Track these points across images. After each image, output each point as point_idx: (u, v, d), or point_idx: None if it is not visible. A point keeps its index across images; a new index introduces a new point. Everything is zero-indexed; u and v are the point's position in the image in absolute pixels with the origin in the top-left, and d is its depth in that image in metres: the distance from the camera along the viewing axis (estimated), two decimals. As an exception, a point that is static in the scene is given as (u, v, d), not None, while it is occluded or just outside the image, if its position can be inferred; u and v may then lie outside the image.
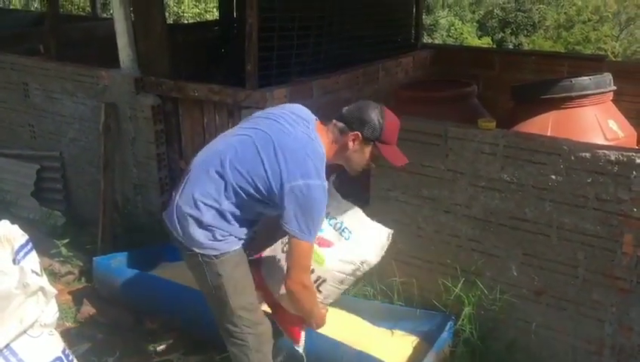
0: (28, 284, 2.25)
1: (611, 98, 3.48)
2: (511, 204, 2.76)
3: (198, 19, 12.99)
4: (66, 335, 2.90)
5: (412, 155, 2.96)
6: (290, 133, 2.26)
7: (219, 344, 2.96)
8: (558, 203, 2.64)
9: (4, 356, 2.21)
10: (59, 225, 4.39)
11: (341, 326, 3.01)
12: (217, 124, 3.75)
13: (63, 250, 3.81)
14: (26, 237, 2.39)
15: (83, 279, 3.77)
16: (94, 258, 3.65)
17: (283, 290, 2.39)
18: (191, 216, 2.26)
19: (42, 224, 4.35)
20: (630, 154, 2.46)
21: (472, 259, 2.92)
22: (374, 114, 2.31)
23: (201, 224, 2.26)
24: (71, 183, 4.57)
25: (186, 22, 12.53)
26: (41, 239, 3.77)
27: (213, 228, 2.26)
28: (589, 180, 2.55)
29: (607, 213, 2.54)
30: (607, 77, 3.41)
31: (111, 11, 4.37)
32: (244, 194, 2.24)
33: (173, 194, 2.40)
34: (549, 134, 3.17)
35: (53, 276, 3.68)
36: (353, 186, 2.80)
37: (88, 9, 9.23)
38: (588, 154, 2.54)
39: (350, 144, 2.30)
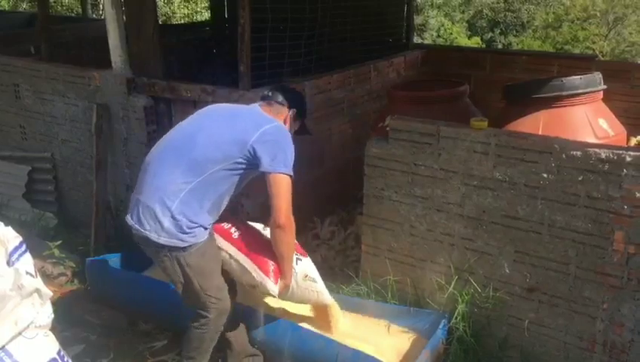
0: (23, 286, 2.25)
1: (601, 97, 3.51)
2: (503, 203, 2.79)
3: (188, 20, 12.96)
4: (60, 336, 2.88)
5: (405, 155, 2.99)
6: (235, 106, 2.72)
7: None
8: (549, 201, 2.67)
9: (-1, 358, 2.21)
10: (51, 227, 4.37)
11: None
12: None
13: (56, 252, 3.79)
14: (20, 238, 2.38)
15: (76, 281, 3.76)
16: (87, 259, 3.65)
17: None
18: (158, 209, 2.37)
19: (34, 226, 4.33)
20: (620, 152, 2.49)
21: (465, 257, 2.95)
22: (298, 94, 2.80)
23: (168, 216, 2.36)
24: (63, 185, 4.55)
25: (175, 22, 12.49)
26: (33, 241, 3.75)
27: (180, 220, 2.37)
28: (580, 178, 2.58)
29: (598, 211, 2.57)
30: (598, 76, 3.45)
31: (101, 12, 4.35)
32: (211, 167, 2.38)
33: (133, 194, 2.50)
34: (540, 133, 3.20)
35: (46, 278, 3.66)
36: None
37: (77, 10, 9.19)
38: (579, 153, 2.57)
39: (289, 120, 2.67)
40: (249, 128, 2.42)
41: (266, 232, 2.65)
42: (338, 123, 4.35)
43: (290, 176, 2.43)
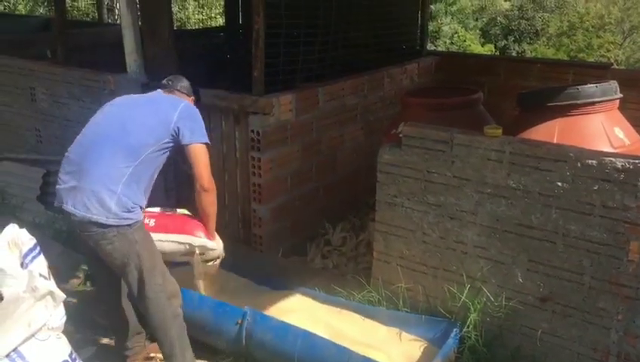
0: (37, 288, 2.26)
1: (617, 106, 3.48)
2: (517, 211, 2.77)
3: (202, 26, 13.04)
4: (72, 338, 2.90)
5: (418, 162, 2.98)
6: (149, 95, 2.91)
7: (223, 347, 2.97)
8: (564, 210, 2.65)
9: (12, 359, 2.22)
10: (64, 230, 4.39)
11: (349, 328, 3.02)
12: (223, 129, 3.76)
13: (68, 254, 3.81)
14: (34, 240, 2.40)
15: (88, 283, 3.78)
16: (100, 262, 3.66)
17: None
18: (105, 193, 2.51)
19: (48, 228, 4.35)
20: (637, 161, 2.47)
21: (478, 265, 2.92)
22: (186, 82, 2.98)
23: (114, 199, 2.51)
24: (76, 187, 4.57)
25: (190, 28, 12.56)
26: (46, 243, 3.77)
27: (126, 201, 2.53)
28: (595, 187, 2.56)
29: (614, 221, 2.54)
30: (614, 84, 3.42)
31: (117, 17, 4.39)
32: (147, 150, 2.59)
33: (62, 183, 2.64)
34: (555, 141, 3.17)
35: (59, 280, 3.67)
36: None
37: (93, 14, 9.28)
38: (594, 162, 2.54)
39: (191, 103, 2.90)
40: (168, 110, 2.69)
41: (166, 210, 2.98)
42: (351, 129, 4.35)
43: (207, 144, 2.72)
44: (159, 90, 2.91)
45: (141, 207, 2.63)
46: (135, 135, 2.61)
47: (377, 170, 3.14)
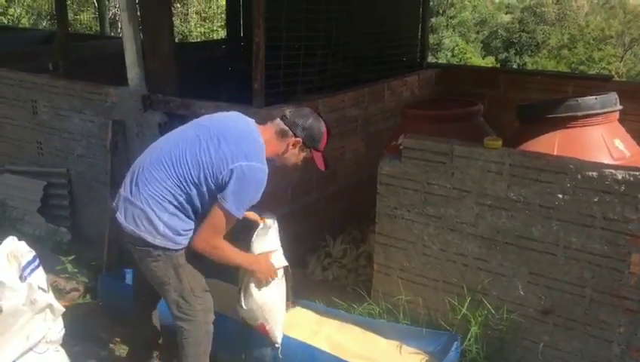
0: (35, 301, 2.26)
1: (617, 118, 3.48)
2: (517, 223, 2.76)
3: (204, 39, 13.12)
4: (71, 352, 2.88)
5: (418, 174, 2.98)
6: (231, 126, 2.54)
7: (227, 357, 2.96)
8: (564, 222, 2.64)
9: (9, 372, 2.21)
10: (64, 242, 4.40)
11: (349, 341, 3.00)
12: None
13: (69, 267, 3.80)
14: (33, 253, 2.40)
15: (88, 296, 3.77)
16: (100, 275, 3.65)
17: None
18: (152, 215, 2.42)
19: (48, 240, 4.35)
20: (637, 173, 2.46)
21: (479, 277, 2.91)
22: (317, 125, 2.59)
23: (161, 223, 2.42)
24: (77, 200, 4.58)
25: (192, 41, 12.63)
26: (47, 255, 3.76)
27: (174, 224, 2.44)
28: (595, 199, 2.55)
29: (615, 233, 2.53)
30: (613, 96, 3.42)
31: (119, 30, 4.41)
32: (196, 186, 2.42)
33: (122, 193, 2.54)
34: (555, 153, 3.17)
35: (58, 292, 3.67)
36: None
37: (96, 28, 9.34)
38: (595, 174, 2.54)
39: (290, 147, 2.56)
40: (228, 158, 2.39)
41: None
42: (351, 141, 4.35)
43: (234, 217, 2.41)
44: (270, 122, 2.61)
45: (191, 231, 2.51)
46: (187, 169, 2.42)
47: (377, 182, 3.14)
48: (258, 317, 2.74)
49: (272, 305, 2.75)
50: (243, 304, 2.71)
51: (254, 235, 2.73)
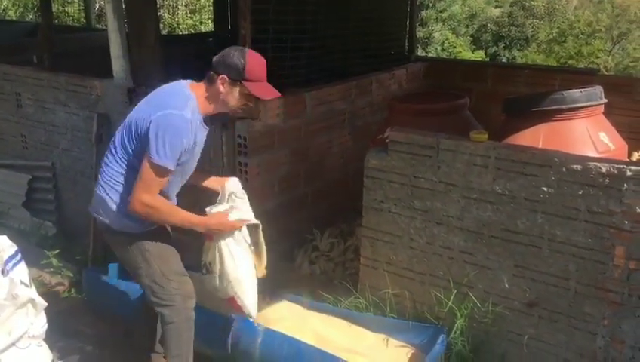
0: (17, 295, 2.24)
1: (602, 111, 3.49)
2: (503, 216, 2.77)
3: (193, 31, 13.02)
4: (54, 347, 2.87)
5: (404, 167, 2.98)
6: (159, 90, 2.53)
7: (210, 355, 2.95)
8: (549, 215, 2.65)
9: (-10, 368, 2.19)
10: (49, 236, 4.36)
11: (336, 335, 3.00)
12: (210, 134, 3.74)
13: (54, 261, 3.78)
14: (15, 247, 2.37)
15: (73, 290, 3.74)
16: (84, 269, 3.63)
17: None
18: (106, 199, 2.47)
19: (33, 234, 4.32)
20: (621, 166, 2.47)
21: (465, 271, 2.92)
22: (235, 56, 2.45)
23: (116, 203, 2.46)
24: (62, 194, 4.54)
25: (180, 33, 12.54)
26: (32, 250, 3.75)
27: (122, 206, 2.44)
28: (580, 192, 2.56)
29: (599, 226, 2.54)
30: (598, 90, 3.43)
31: (106, 22, 4.37)
32: (134, 159, 2.42)
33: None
34: (540, 147, 3.18)
35: (43, 287, 3.65)
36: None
37: (83, 20, 9.23)
38: (579, 167, 2.55)
39: (220, 88, 2.44)
40: (147, 115, 2.37)
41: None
42: (339, 134, 4.34)
43: (160, 166, 2.35)
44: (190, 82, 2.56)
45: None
46: (124, 143, 2.45)
47: (364, 175, 3.13)
48: (228, 291, 2.63)
49: (240, 276, 2.63)
50: (209, 278, 2.64)
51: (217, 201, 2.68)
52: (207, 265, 2.64)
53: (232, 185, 2.73)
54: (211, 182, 2.77)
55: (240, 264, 2.62)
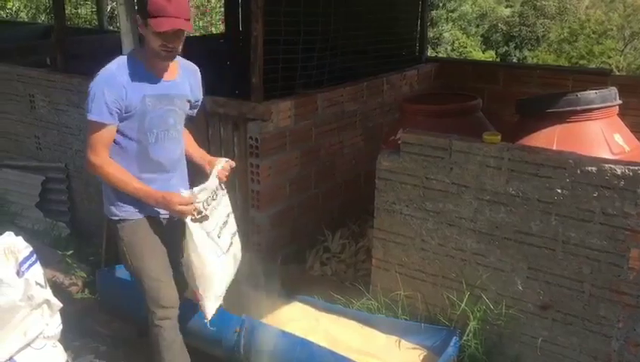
0: (33, 296, 2.26)
1: (617, 112, 3.47)
2: (516, 218, 2.75)
3: (203, 32, 13.06)
4: (69, 347, 2.88)
5: (416, 168, 2.97)
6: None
7: (221, 356, 2.96)
8: (563, 217, 2.63)
9: (7, 368, 2.21)
10: (63, 237, 4.39)
11: (348, 336, 3.00)
12: (222, 136, 3.75)
13: (67, 262, 3.81)
14: (30, 248, 2.40)
15: (87, 291, 3.77)
16: (98, 269, 3.65)
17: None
18: (103, 187, 2.54)
19: (46, 235, 4.35)
20: (636, 168, 2.45)
21: (477, 273, 2.91)
22: None
23: (104, 188, 2.51)
24: (76, 195, 4.57)
25: (190, 35, 12.59)
26: (45, 250, 3.77)
27: (108, 193, 2.50)
28: (595, 194, 2.54)
29: (614, 228, 2.53)
30: (613, 91, 3.41)
31: (118, 24, 4.39)
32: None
33: None
34: (554, 148, 3.16)
35: (57, 287, 3.67)
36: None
37: (95, 22, 9.31)
38: (594, 168, 2.53)
39: (142, 32, 2.40)
40: None
41: None
42: (350, 136, 4.34)
43: (94, 120, 2.37)
44: None
45: (124, 202, 2.46)
46: None
47: (376, 177, 3.13)
48: (196, 283, 2.54)
49: (207, 273, 2.52)
50: (183, 266, 2.55)
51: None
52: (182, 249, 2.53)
53: (218, 173, 2.59)
54: (201, 160, 2.70)
55: (209, 262, 2.50)
